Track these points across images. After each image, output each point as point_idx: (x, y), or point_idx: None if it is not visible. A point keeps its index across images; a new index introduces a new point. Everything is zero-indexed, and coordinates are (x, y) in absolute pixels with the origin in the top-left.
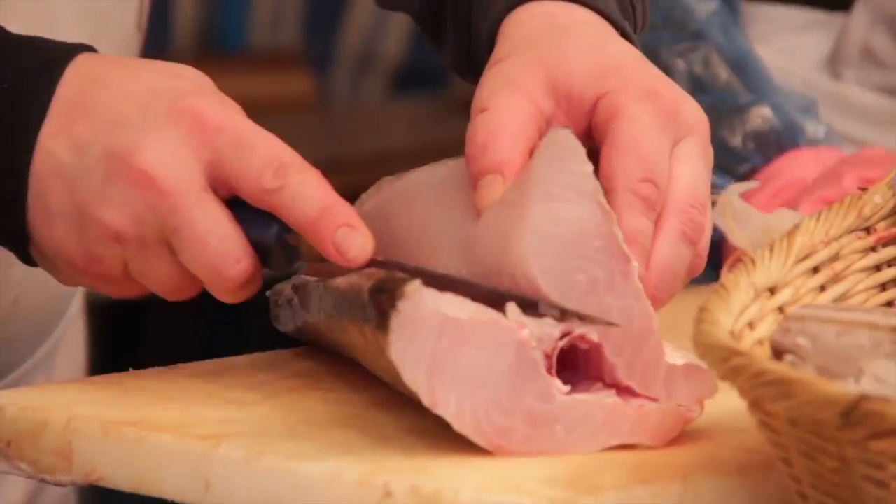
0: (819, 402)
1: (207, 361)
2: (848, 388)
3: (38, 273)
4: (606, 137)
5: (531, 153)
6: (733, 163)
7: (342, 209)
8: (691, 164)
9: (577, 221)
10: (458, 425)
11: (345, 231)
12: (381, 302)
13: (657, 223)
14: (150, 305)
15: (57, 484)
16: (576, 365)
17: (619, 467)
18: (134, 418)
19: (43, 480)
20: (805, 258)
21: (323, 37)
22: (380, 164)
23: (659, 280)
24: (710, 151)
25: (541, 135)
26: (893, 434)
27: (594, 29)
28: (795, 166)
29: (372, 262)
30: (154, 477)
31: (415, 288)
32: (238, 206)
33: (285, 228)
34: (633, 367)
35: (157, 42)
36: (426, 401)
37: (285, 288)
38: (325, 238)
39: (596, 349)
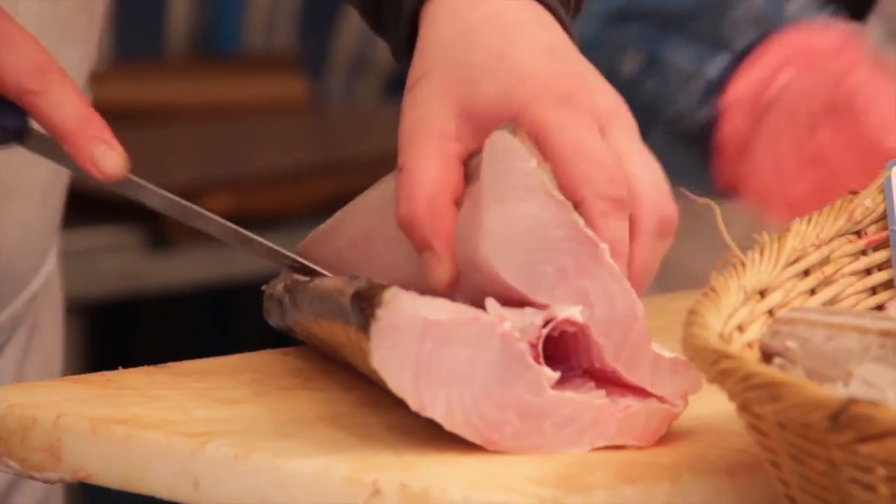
0: (808, 405)
1: (197, 360)
2: (837, 391)
3: None
4: (545, 153)
5: (458, 201)
6: (732, 38)
7: (99, 123)
8: (640, 156)
9: (531, 217)
10: (448, 424)
11: (102, 146)
12: (362, 309)
13: (631, 224)
14: (142, 306)
15: (46, 481)
16: (566, 354)
17: (607, 467)
18: (123, 416)
19: (31, 478)
20: (795, 261)
21: (317, 40)
22: (374, 167)
23: (639, 280)
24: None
25: (468, 165)
26: (881, 437)
27: (501, 26)
28: (777, 48)
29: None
30: (142, 475)
31: (393, 294)
32: None
33: (25, 123)
34: (620, 350)
35: (152, 44)
36: (414, 405)
37: (279, 284)
38: (80, 148)
39: (583, 332)
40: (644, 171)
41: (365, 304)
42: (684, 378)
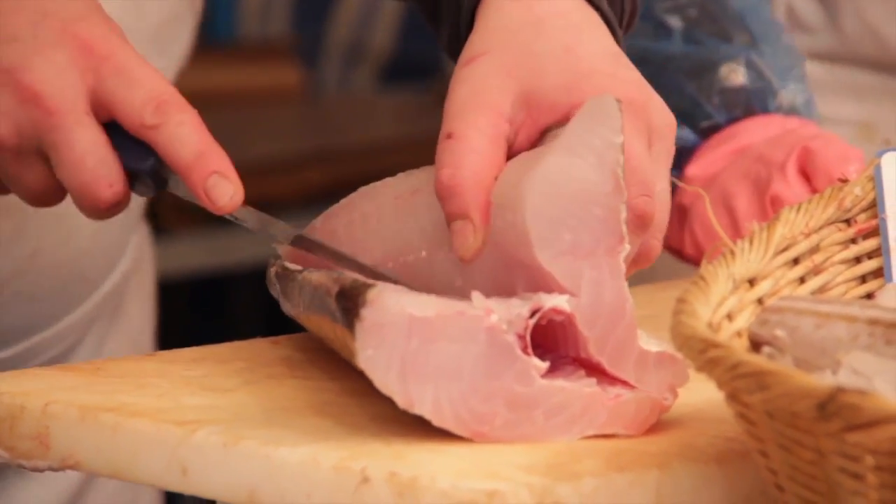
0: (795, 394)
1: (186, 349)
2: (824, 380)
3: (58, 228)
4: None
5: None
6: (696, 117)
7: (216, 156)
8: (663, 184)
9: (585, 182)
10: (437, 420)
11: (216, 179)
12: (347, 309)
13: None
14: None
15: (34, 469)
16: (554, 342)
17: (596, 455)
18: (111, 404)
19: (20, 466)
20: (785, 249)
21: (312, 28)
22: (368, 155)
23: None
24: (672, 157)
25: (509, 148)
26: (869, 426)
27: (569, 22)
28: (753, 131)
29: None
30: (131, 463)
31: (377, 293)
32: (119, 131)
33: (160, 161)
34: (604, 343)
35: None
36: (401, 402)
37: (271, 269)
38: (196, 183)
39: (570, 321)
40: (659, 199)
41: (350, 303)
42: (670, 372)
